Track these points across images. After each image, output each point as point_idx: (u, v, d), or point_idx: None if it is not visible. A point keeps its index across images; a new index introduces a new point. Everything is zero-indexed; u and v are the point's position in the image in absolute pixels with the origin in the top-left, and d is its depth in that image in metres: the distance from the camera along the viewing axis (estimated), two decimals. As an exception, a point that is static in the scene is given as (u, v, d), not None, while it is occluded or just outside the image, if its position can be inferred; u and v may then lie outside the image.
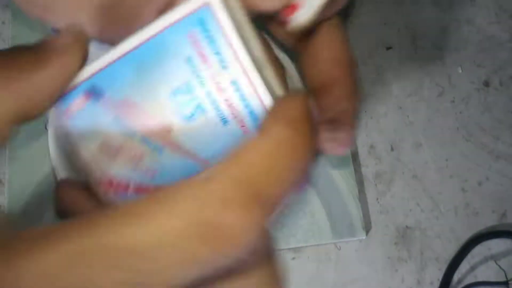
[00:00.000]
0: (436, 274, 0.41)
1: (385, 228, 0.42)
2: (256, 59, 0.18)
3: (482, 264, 0.41)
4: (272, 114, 0.17)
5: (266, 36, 0.25)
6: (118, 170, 0.20)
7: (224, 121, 0.19)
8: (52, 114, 0.20)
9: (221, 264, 0.16)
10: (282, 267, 0.18)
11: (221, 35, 0.18)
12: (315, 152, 0.17)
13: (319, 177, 0.41)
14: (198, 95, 0.18)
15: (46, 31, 0.42)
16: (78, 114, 0.20)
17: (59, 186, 0.22)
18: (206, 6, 0.18)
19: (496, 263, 0.41)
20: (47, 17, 0.26)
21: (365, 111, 0.45)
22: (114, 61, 0.19)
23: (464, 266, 0.41)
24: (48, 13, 0.25)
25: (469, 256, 0.41)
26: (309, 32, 0.26)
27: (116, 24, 0.25)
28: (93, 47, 0.34)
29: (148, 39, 0.19)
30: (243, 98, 0.19)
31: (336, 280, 0.41)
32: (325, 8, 0.21)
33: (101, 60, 0.20)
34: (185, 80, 0.18)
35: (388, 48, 0.47)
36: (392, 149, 0.44)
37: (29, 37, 0.43)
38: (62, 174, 0.33)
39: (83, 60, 0.20)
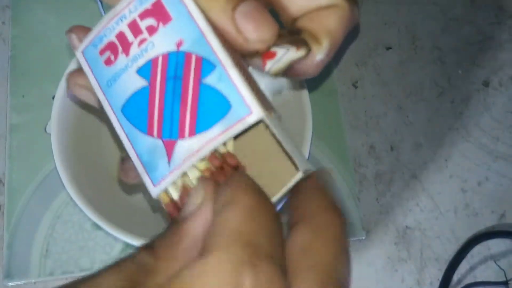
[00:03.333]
0: (436, 274, 0.41)
1: (385, 228, 0.42)
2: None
3: (481, 264, 0.41)
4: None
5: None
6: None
7: None
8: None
9: None
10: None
11: None
12: None
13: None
14: None
15: (48, 31, 0.42)
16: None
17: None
18: None
19: (496, 263, 0.41)
20: None
21: (365, 111, 0.45)
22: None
23: (463, 266, 0.41)
24: None
25: (468, 256, 0.41)
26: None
27: None
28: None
29: None
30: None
31: (336, 280, 0.41)
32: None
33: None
34: None
35: (388, 48, 0.47)
36: (392, 149, 0.44)
37: (29, 37, 0.43)
38: (63, 173, 0.33)
39: None
